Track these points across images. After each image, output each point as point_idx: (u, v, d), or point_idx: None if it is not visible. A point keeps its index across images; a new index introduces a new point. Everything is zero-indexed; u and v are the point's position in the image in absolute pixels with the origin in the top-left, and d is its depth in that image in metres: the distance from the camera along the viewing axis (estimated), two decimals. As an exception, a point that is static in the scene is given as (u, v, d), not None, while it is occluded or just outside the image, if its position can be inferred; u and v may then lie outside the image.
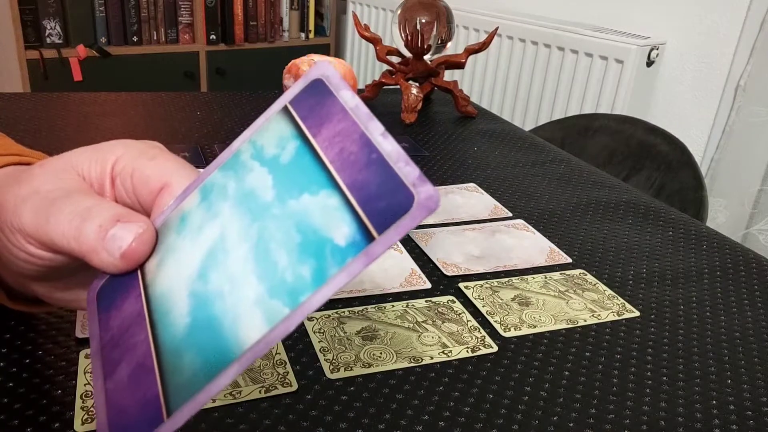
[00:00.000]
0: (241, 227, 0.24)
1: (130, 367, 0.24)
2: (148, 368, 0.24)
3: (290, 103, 0.26)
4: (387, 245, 0.20)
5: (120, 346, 0.25)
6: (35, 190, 0.28)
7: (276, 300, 0.21)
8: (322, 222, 0.22)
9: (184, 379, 0.22)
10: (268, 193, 0.24)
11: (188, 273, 0.25)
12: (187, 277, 0.25)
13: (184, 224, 0.27)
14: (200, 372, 0.22)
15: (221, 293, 0.23)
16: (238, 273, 0.23)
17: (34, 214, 0.27)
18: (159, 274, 0.26)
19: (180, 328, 0.24)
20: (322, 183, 0.22)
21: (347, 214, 0.21)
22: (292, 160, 0.24)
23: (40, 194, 0.28)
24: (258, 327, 0.21)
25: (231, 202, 0.25)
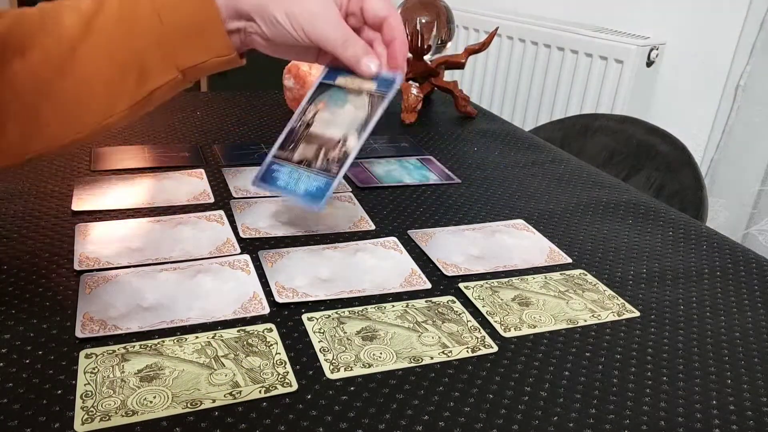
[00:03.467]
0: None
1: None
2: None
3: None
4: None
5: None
6: (314, 12, 0.47)
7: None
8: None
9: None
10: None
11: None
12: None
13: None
14: None
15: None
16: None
17: (315, 29, 0.47)
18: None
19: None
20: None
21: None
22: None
23: (319, 16, 0.47)
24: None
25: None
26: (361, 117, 0.50)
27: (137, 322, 0.45)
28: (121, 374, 0.40)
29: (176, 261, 0.53)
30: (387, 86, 0.50)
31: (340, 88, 0.52)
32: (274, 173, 0.52)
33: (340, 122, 0.51)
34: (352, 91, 0.51)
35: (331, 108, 0.52)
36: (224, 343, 0.44)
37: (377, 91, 0.50)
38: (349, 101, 0.51)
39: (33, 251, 0.54)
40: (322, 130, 0.51)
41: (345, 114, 0.51)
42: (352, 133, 0.49)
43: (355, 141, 0.49)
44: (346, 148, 0.49)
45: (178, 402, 0.38)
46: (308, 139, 0.51)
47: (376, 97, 0.50)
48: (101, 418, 0.36)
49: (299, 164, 0.51)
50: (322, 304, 0.49)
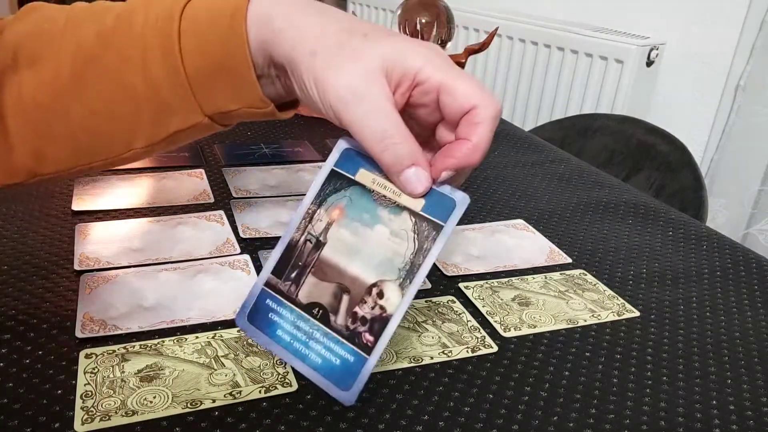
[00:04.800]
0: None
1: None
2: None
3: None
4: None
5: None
6: (351, 90, 0.34)
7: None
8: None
9: None
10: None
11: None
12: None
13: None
14: None
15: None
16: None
17: (347, 113, 0.34)
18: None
19: None
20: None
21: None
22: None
23: (355, 97, 0.34)
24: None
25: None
26: (403, 254, 0.34)
27: (137, 322, 0.45)
28: (121, 374, 0.40)
29: (176, 261, 0.53)
30: (443, 211, 0.34)
31: (365, 189, 0.36)
32: (270, 314, 0.37)
33: (369, 255, 0.35)
34: (385, 202, 0.35)
35: (352, 223, 0.36)
36: (224, 343, 0.44)
37: (427, 213, 0.34)
38: (382, 220, 0.35)
39: (33, 251, 0.54)
40: (340, 261, 0.36)
41: (376, 241, 0.35)
42: (392, 281, 0.34)
43: (397, 297, 0.34)
44: (385, 307, 0.34)
45: (178, 402, 0.38)
46: (320, 269, 0.36)
47: (425, 225, 0.34)
48: (101, 418, 0.36)
49: (308, 310, 0.36)
50: (322, 304, 0.49)
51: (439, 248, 0.33)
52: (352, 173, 0.37)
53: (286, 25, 0.36)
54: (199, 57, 0.37)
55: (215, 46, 0.36)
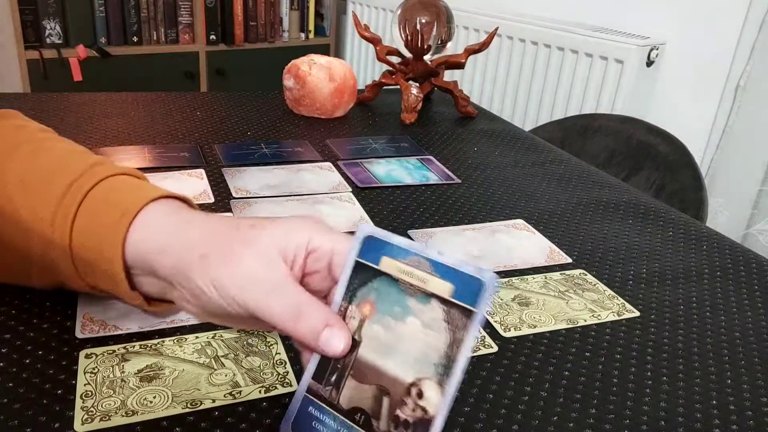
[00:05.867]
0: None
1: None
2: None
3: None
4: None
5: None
6: (252, 277, 0.35)
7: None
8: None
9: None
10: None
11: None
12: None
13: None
14: None
15: None
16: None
17: (255, 299, 0.35)
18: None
19: None
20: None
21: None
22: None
23: (259, 283, 0.35)
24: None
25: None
26: (438, 347, 0.32)
27: (137, 323, 0.45)
28: (121, 374, 0.40)
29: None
30: (472, 293, 0.32)
31: (391, 278, 0.34)
32: (313, 423, 0.35)
33: (404, 351, 0.33)
34: (413, 291, 0.33)
35: (384, 318, 0.34)
36: (224, 343, 0.44)
37: (456, 300, 0.32)
38: (412, 310, 0.33)
39: (33, 251, 0.54)
40: (378, 360, 0.34)
41: (410, 336, 0.33)
42: (429, 379, 0.32)
43: (437, 396, 0.31)
44: (426, 408, 0.32)
45: (178, 402, 0.38)
46: (359, 371, 0.34)
47: (456, 312, 0.32)
48: (101, 418, 0.36)
49: (351, 416, 0.34)
50: (322, 304, 0.49)
51: (473, 337, 0.31)
52: (376, 263, 0.35)
53: (168, 245, 0.38)
54: (83, 239, 0.39)
55: (96, 240, 0.39)
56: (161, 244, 0.38)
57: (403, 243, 0.34)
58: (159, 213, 0.40)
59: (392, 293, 0.34)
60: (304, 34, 2.62)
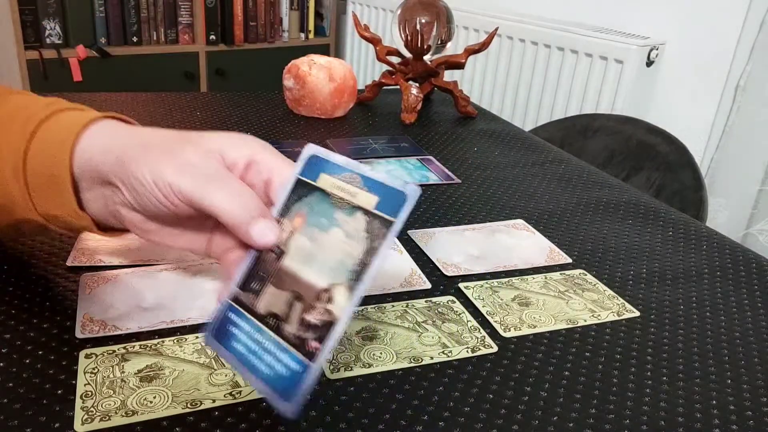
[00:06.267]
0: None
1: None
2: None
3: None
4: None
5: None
6: (191, 163, 0.36)
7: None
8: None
9: None
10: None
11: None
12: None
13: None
14: None
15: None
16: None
17: (192, 182, 0.36)
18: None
19: None
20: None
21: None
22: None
23: (197, 168, 0.36)
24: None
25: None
26: (355, 255, 0.33)
27: (137, 323, 0.45)
28: (121, 374, 0.40)
29: (176, 261, 0.53)
30: (394, 205, 0.33)
31: (324, 193, 0.36)
32: (229, 327, 0.37)
33: (323, 259, 0.34)
34: (341, 204, 0.35)
35: (311, 229, 0.36)
36: (224, 343, 0.44)
37: (379, 211, 0.34)
38: (338, 222, 0.35)
39: (33, 251, 0.54)
40: (298, 268, 0.35)
41: (331, 245, 0.34)
42: (341, 284, 0.33)
43: (345, 299, 0.33)
44: (332, 311, 0.33)
45: (178, 402, 0.38)
46: (279, 278, 0.36)
47: (376, 223, 0.33)
48: (101, 418, 0.36)
49: (265, 320, 0.35)
50: (322, 304, 0.49)
51: (389, 245, 0.33)
52: (314, 179, 0.37)
53: (113, 145, 0.39)
54: (36, 162, 0.40)
55: (47, 155, 0.39)
56: (107, 145, 0.39)
57: (340, 160, 0.36)
58: (109, 125, 0.41)
59: (323, 207, 0.36)
60: (304, 34, 2.62)
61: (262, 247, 0.36)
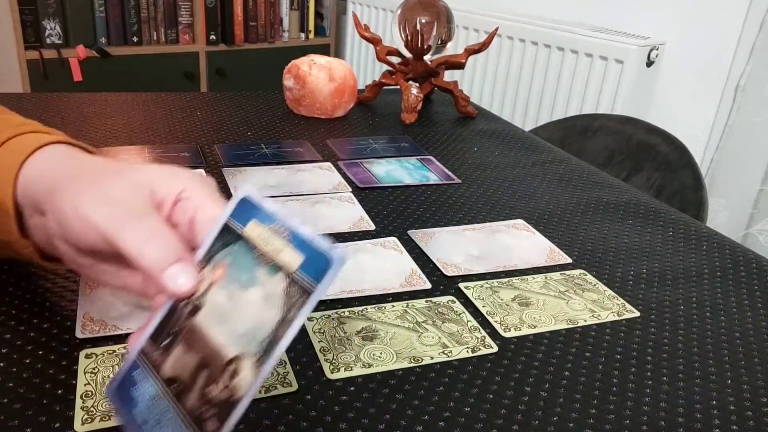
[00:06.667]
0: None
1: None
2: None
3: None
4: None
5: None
6: (112, 197, 0.34)
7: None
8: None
9: None
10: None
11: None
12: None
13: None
14: None
15: None
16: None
17: (109, 218, 0.33)
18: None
19: None
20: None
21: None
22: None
23: (118, 203, 0.34)
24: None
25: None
26: (267, 325, 0.29)
27: (137, 323, 0.45)
28: (121, 374, 0.40)
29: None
30: (318, 270, 0.29)
31: (249, 245, 0.32)
32: (133, 389, 0.33)
33: (236, 322, 0.30)
34: (264, 260, 0.31)
35: (230, 284, 0.32)
36: (224, 343, 0.44)
37: (301, 274, 0.29)
38: (258, 280, 0.31)
39: (33, 251, 0.54)
40: (210, 328, 0.31)
41: (247, 307, 0.30)
42: (249, 358, 0.29)
43: (250, 376, 0.29)
44: (236, 389, 0.29)
45: (178, 402, 0.38)
46: (190, 337, 0.32)
47: (296, 288, 0.29)
48: (101, 418, 0.36)
49: (168, 385, 0.31)
50: (322, 304, 0.49)
51: (303, 318, 0.28)
52: (242, 226, 0.33)
53: (48, 172, 0.38)
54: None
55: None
56: (46, 173, 0.38)
57: (272, 209, 0.32)
58: (56, 151, 0.40)
59: (246, 260, 0.32)
60: (304, 34, 2.62)
61: (176, 296, 0.33)
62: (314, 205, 0.66)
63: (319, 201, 0.67)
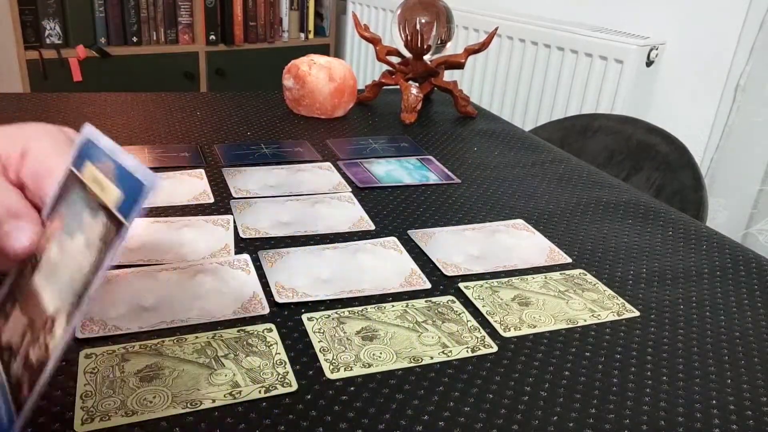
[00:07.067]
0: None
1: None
2: None
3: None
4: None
5: None
6: None
7: None
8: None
9: None
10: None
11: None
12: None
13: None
14: None
15: None
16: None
17: None
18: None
19: None
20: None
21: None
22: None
23: None
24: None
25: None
26: (84, 270, 0.27)
27: (137, 323, 0.45)
28: (121, 374, 0.40)
29: (176, 261, 0.53)
30: (132, 202, 0.27)
31: (84, 189, 0.29)
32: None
33: (61, 275, 0.28)
34: (91, 202, 0.29)
35: (62, 235, 0.30)
36: (224, 343, 0.44)
37: (118, 210, 0.27)
38: (84, 225, 0.29)
39: (33, 251, 0.54)
40: (42, 285, 0.29)
41: (71, 255, 0.28)
42: (64, 309, 0.27)
43: (61, 331, 0.27)
44: (49, 344, 0.27)
45: (178, 402, 0.38)
46: (25, 298, 0.30)
47: (112, 226, 0.27)
48: (101, 418, 0.36)
49: (2, 353, 0.30)
50: (322, 304, 0.49)
51: (111, 257, 0.26)
52: (79, 169, 0.30)
53: None
54: None
55: None
56: None
57: (104, 144, 0.30)
58: None
59: (79, 205, 0.29)
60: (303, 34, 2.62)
61: (13, 256, 0.30)
62: (314, 205, 0.66)
63: (318, 201, 0.67)
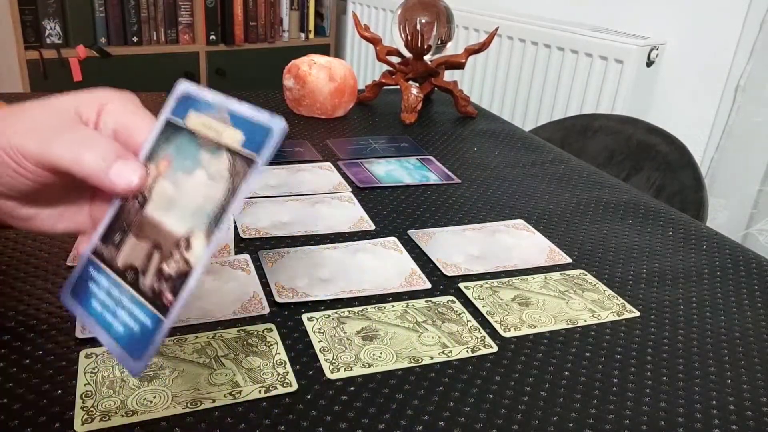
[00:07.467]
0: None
1: None
2: None
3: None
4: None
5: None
6: (37, 122, 0.34)
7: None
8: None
9: None
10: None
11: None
12: None
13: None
14: None
15: None
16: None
17: (39, 139, 0.33)
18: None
19: None
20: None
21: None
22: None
23: (44, 125, 0.34)
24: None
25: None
26: (216, 198, 0.31)
27: (137, 322, 0.45)
28: (121, 374, 0.40)
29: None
30: (260, 140, 0.30)
31: (192, 133, 0.33)
32: (89, 284, 0.34)
33: (185, 204, 0.32)
34: (207, 144, 0.32)
35: (176, 173, 0.33)
36: (224, 343, 0.44)
37: (244, 148, 0.31)
38: (202, 163, 0.32)
39: (32, 252, 0.54)
40: (159, 215, 0.33)
41: (193, 188, 0.32)
42: (200, 230, 0.31)
43: (201, 247, 0.31)
44: (189, 260, 0.31)
45: (178, 402, 0.38)
46: (140, 228, 0.33)
47: (239, 161, 0.31)
48: (101, 418, 0.36)
49: (124, 274, 0.33)
50: (322, 304, 0.49)
51: (249, 185, 0.30)
52: (182, 119, 0.34)
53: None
54: None
55: None
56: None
57: (210, 96, 0.33)
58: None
59: (190, 148, 0.33)
60: (304, 34, 2.62)
61: (124, 193, 0.33)
62: (314, 205, 0.66)
63: (319, 201, 0.67)
